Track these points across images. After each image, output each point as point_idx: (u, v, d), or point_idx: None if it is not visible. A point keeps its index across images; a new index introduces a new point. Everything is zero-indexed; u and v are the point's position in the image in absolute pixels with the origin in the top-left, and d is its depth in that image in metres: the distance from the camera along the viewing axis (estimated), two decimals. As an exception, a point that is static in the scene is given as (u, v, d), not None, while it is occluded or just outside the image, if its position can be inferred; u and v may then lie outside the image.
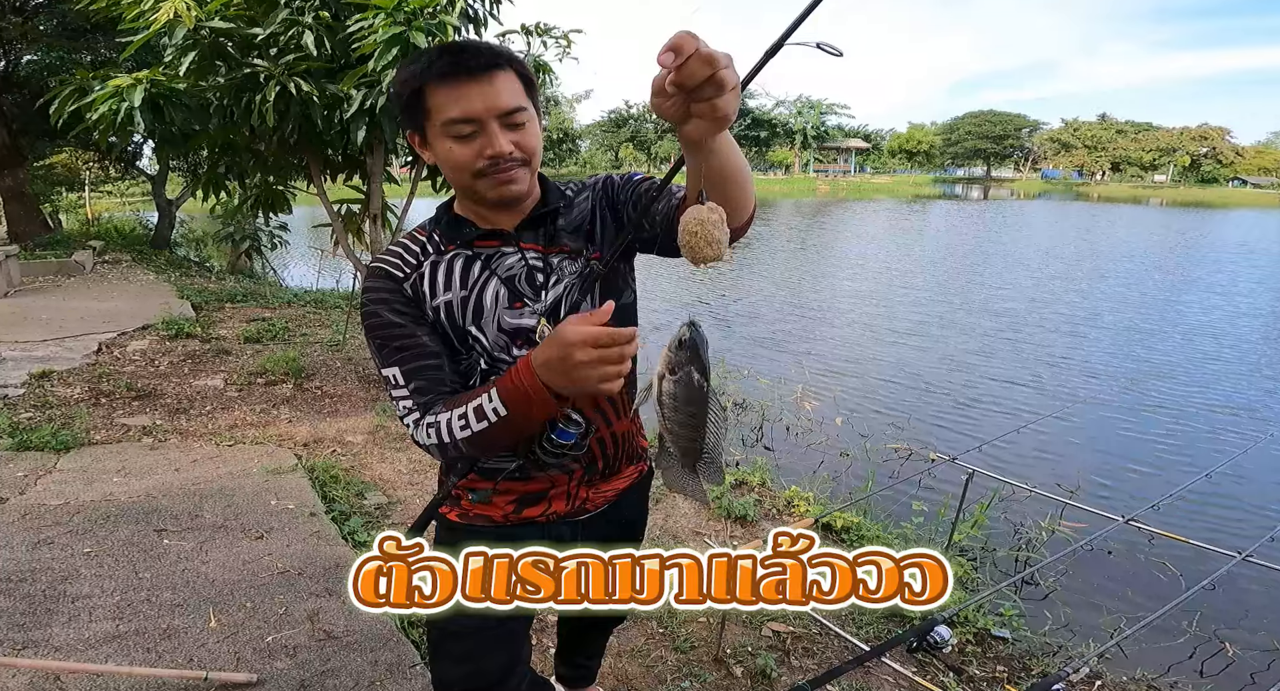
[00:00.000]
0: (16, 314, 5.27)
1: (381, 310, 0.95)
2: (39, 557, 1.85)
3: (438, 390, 0.93)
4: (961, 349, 6.45)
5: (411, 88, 0.90)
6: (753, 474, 3.14)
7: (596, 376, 0.79)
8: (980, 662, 2.11)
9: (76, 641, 1.52)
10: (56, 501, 2.14)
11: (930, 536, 2.79)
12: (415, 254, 0.99)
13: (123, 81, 3.17)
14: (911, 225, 22.07)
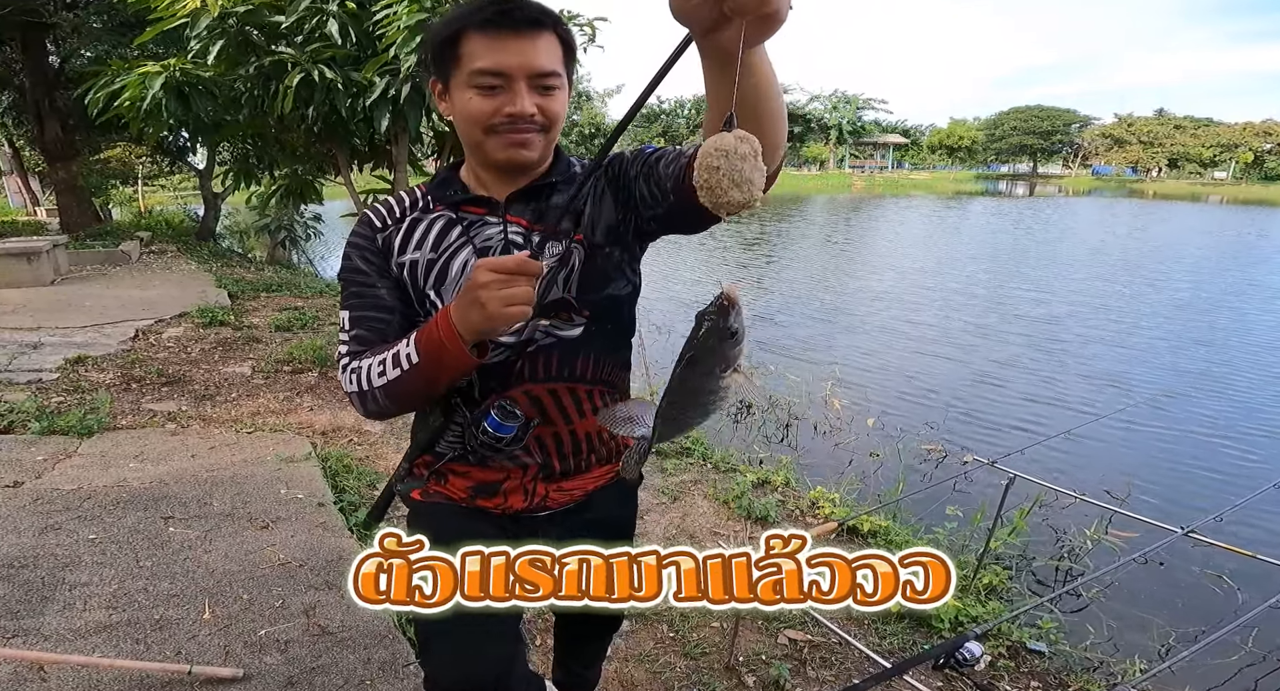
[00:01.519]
0: (61, 301, 5.47)
1: (354, 255, 0.95)
2: (44, 543, 1.86)
3: (370, 337, 0.91)
4: (999, 352, 6.17)
5: (449, 32, 0.86)
6: (776, 473, 3.02)
7: (499, 299, 0.75)
8: (1013, 678, 1.96)
9: (67, 630, 1.51)
10: (70, 486, 2.16)
11: (965, 542, 2.63)
12: (403, 208, 0.97)
13: (148, 69, 3.22)
14: (950, 224, 21.41)
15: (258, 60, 3.56)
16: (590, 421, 1.00)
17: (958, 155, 62.90)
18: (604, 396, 1.01)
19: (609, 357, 1.01)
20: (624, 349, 1.06)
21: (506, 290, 0.76)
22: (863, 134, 57.24)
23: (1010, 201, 34.42)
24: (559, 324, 0.95)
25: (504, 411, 0.91)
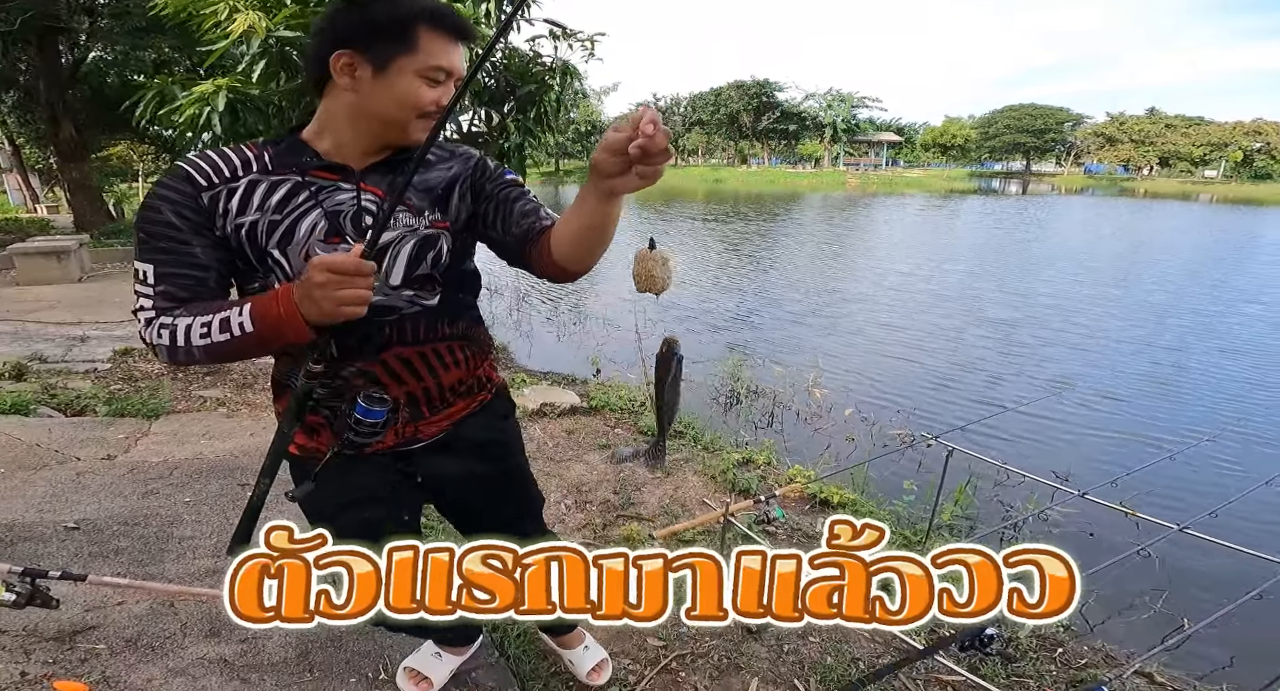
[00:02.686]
0: (92, 297, 5.79)
1: (165, 208, 0.91)
2: (149, 505, 2.21)
3: (182, 296, 0.91)
4: (963, 353, 6.54)
5: (401, 18, 0.91)
6: (760, 453, 3.39)
7: (334, 299, 0.80)
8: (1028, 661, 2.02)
9: (184, 574, 1.86)
10: (156, 459, 2.50)
11: (921, 514, 3.01)
12: (233, 168, 0.95)
13: (206, 88, 3.54)
14: (936, 225, 21.75)
15: (293, 78, 3.89)
16: (453, 373, 1.10)
17: (951, 153, 63.33)
18: (463, 349, 1.12)
19: (465, 315, 1.12)
20: (474, 306, 1.17)
21: (341, 291, 0.80)
22: (857, 132, 57.60)
23: (1001, 200, 34.76)
24: (424, 295, 1.03)
25: (370, 398, 0.95)
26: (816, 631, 2.14)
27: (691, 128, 63.53)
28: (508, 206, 1.02)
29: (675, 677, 1.95)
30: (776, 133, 58.74)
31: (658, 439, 1.16)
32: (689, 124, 63.17)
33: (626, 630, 2.14)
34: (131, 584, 1.53)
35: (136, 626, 1.65)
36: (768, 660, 2.02)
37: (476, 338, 1.16)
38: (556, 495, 2.96)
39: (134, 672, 1.52)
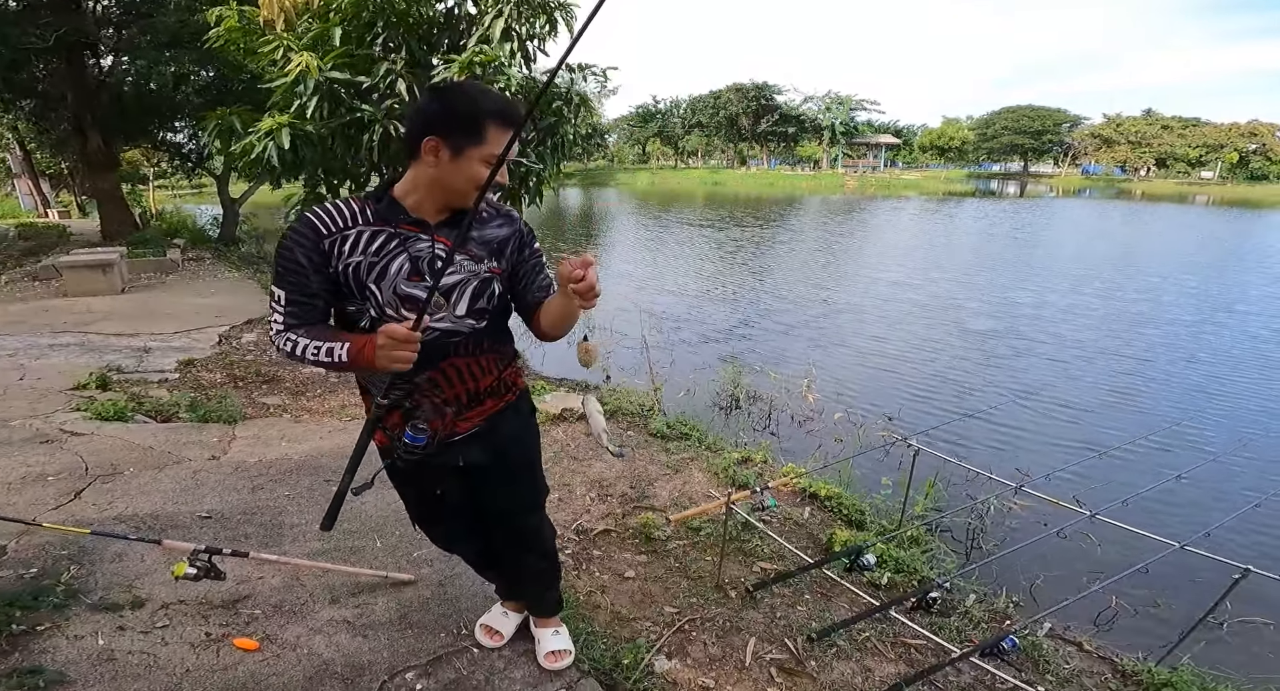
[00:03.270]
0: (140, 309, 6.21)
1: (296, 250, 1.22)
2: (258, 498, 2.62)
3: (304, 320, 1.24)
4: (954, 360, 6.99)
5: (473, 114, 1.18)
6: (757, 452, 3.85)
7: (385, 358, 1.14)
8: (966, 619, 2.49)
9: (301, 553, 2.28)
10: (252, 459, 2.92)
11: (896, 506, 3.46)
12: (346, 220, 1.25)
13: (269, 124, 3.98)
14: (930, 229, 22.10)
15: (342, 114, 4.33)
16: (488, 378, 1.43)
17: (949, 155, 63.76)
18: (497, 361, 1.44)
19: (500, 335, 1.45)
20: (507, 326, 1.50)
21: (392, 353, 1.13)
22: (855, 134, 58.01)
23: (998, 203, 35.09)
24: (477, 321, 1.36)
25: (416, 428, 1.26)
26: (803, 601, 2.60)
27: (691, 130, 63.88)
28: (531, 277, 1.40)
29: (688, 637, 2.39)
30: (776, 135, 59.16)
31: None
32: (688, 126, 63.51)
33: (647, 599, 2.60)
34: (281, 559, 1.97)
35: (277, 596, 2.08)
36: (763, 623, 2.47)
37: (506, 351, 1.48)
38: (581, 489, 3.41)
39: (285, 631, 1.93)
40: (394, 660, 1.87)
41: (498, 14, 4.47)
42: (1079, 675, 2.30)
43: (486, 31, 4.51)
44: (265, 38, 4.39)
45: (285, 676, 1.75)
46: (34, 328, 5.34)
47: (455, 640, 1.98)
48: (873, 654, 2.30)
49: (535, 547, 1.77)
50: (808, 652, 2.30)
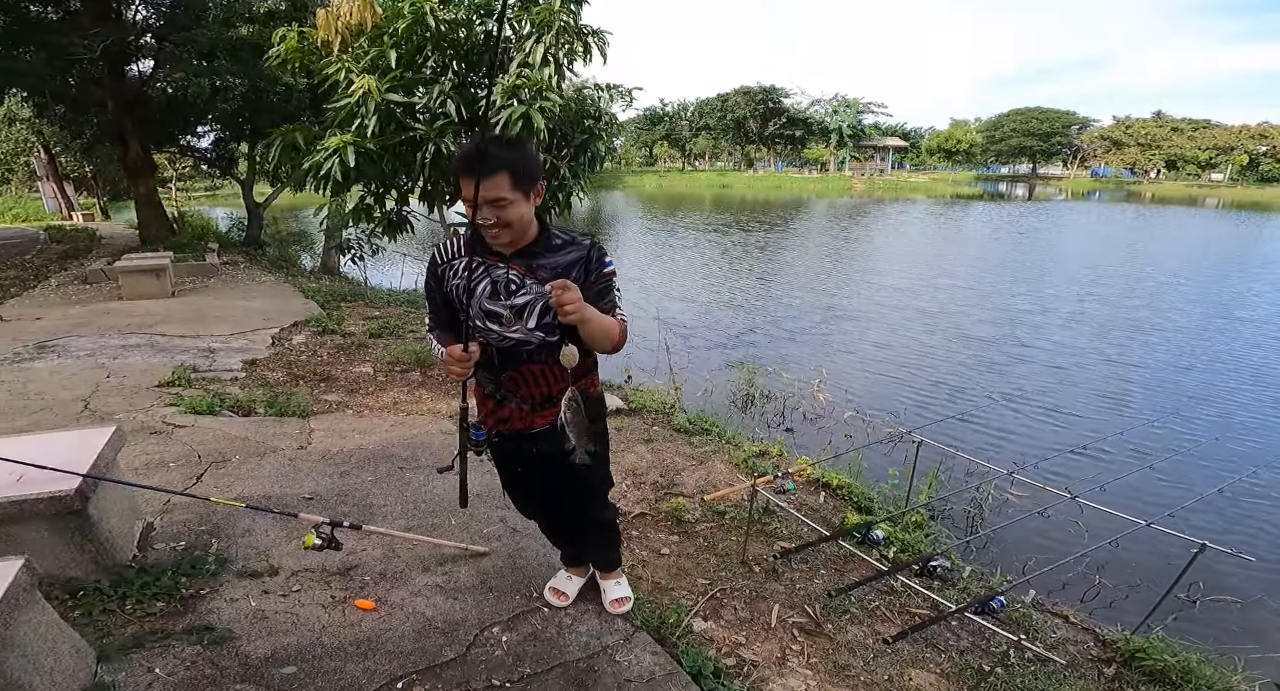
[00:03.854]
0: (193, 312, 6.61)
1: (428, 275, 1.72)
2: (347, 482, 2.97)
3: (438, 323, 1.71)
4: (955, 366, 7.30)
5: (454, 171, 1.82)
6: (773, 447, 4.21)
7: (448, 372, 1.56)
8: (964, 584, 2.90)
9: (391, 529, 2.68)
10: (334, 449, 3.28)
11: (902, 495, 3.82)
12: (452, 252, 1.68)
13: (335, 142, 4.36)
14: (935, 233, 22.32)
15: (397, 132, 4.70)
16: (561, 384, 1.68)
17: (956, 157, 63.79)
18: (569, 371, 1.64)
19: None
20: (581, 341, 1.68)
21: (451, 367, 1.52)
22: (863, 137, 58.17)
23: (1005, 206, 35.14)
24: (548, 334, 1.63)
25: (476, 427, 1.74)
26: (819, 575, 2.96)
27: (699, 133, 64.18)
28: (592, 300, 1.55)
29: (720, 603, 2.75)
30: (783, 138, 59.43)
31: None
32: (696, 129, 63.83)
33: (681, 572, 2.97)
34: (388, 532, 2.34)
35: (380, 565, 2.42)
36: (785, 593, 2.83)
37: (581, 363, 1.69)
38: (617, 478, 3.77)
39: (392, 594, 2.27)
40: (481, 617, 2.21)
41: (538, 40, 4.81)
42: (1064, 643, 2.66)
43: (527, 56, 4.87)
44: (326, 59, 4.76)
45: (399, 631, 2.10)
46: (101, 330, 5.75)
47: (529, 601, 2.33)
48: (881, 619, 2.66)
49: (597, 525, 2.13)
50: (825, 617, 2.66)
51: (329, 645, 2.02)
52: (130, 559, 2.31)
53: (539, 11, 4.70)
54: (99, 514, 2.18)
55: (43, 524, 2.06)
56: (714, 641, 2.47)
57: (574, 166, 5.35)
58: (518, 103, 4.43)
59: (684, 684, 2.03)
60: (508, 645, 2.08)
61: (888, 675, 2.34)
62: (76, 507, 2.05)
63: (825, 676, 2.33)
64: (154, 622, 2.08)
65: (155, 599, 2.16)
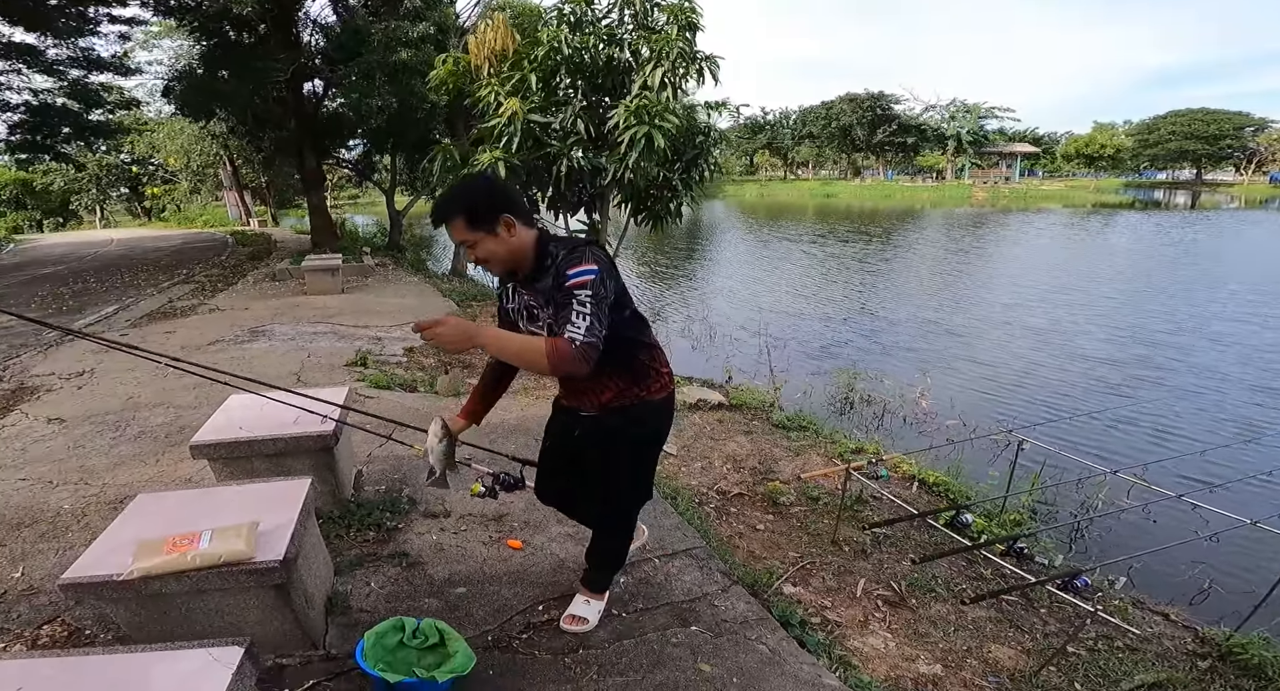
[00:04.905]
0: (359, 306, 7.76)
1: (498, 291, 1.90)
2: (512, 444, 3.55)
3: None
4: (1076, 378, 6.95)
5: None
6: (869, 445, 4.41)
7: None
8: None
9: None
10: (496, 421, 3.86)
11: (1001, 494, 3.87)
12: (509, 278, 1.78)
13: (488, 157, 5.10)
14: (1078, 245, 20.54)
15: (534, 149, 5.40)
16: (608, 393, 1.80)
17: (1100, 163, 57.93)
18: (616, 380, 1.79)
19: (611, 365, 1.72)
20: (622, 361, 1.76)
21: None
22: (985, 143, 54.39)
23: (1159, 215, 31.30)
24: None
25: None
26: (908, 558, 3.17)
27: (801, 141, 63.00)
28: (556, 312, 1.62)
29: (809, 574, 3.04)
30: (893, 145, 56.96)
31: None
32: (799, 137, 62.69)
33: (774, 546, 3.28)
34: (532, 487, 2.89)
35: (524, 514, 2.84)
36: (871, 570, 3.08)
37: (623, 375, 1.80)
38: (719, 462, 4.16)
39: (534, 538, 2.70)
40: (603, 562, 2.67)
41: (657, 65, 5.32)
42: (1158, 637, 2.71)
43: (647, 79, 5.40)
44: (478, 82, 5.55)
45: (540, 567, 2.52)
46: (295, 319, 6.97)
47: (641, 552, 2.69)
48: (964, 599, 2.84)
49: (603, 531, 2.14)
50: (909, 593, 2.89)
51: (488, 573, 2.46)
52: (349, 496, 2.82)
53: (658, 39, 5.21)
54: (339, 455, 2.69)
55: (306, 458, 2.57)
56: (801, 603, 2.77)
57: (685, 178, 5.81)
58: (640, 122, 4.96)
59: (773, 628, 2.35)
60: (623, 585, 2.47)
61: (966, 646, 2.55)
62: (330, 446, 2.56)
63: (904, 639, 2.59)
64: (368, 547, 2.60)
65: (368, 529, 2.69)
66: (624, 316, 1.73)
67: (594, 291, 1.53)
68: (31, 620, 2.17)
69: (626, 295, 1.75)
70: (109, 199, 36.84)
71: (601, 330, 1.54)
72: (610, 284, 1.59)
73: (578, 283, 1.53)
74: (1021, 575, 2.37)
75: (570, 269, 1.54)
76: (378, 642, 1.81)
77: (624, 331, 1.72)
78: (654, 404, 1.86)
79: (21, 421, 4.25)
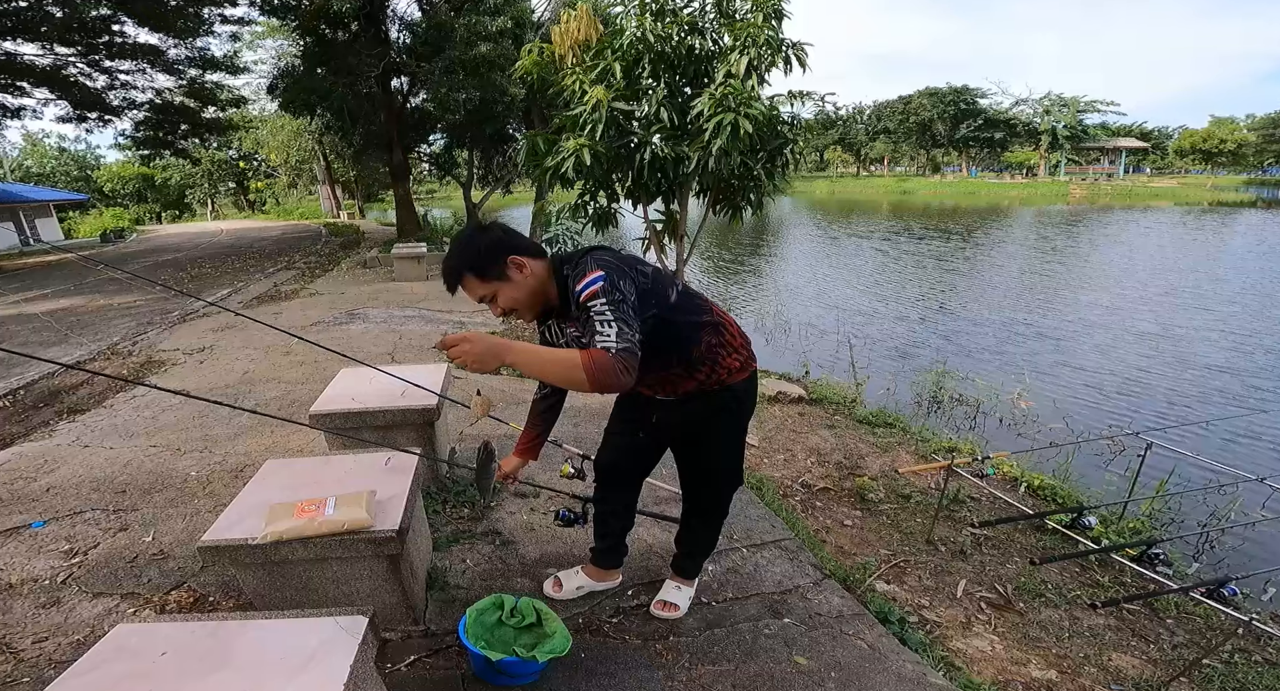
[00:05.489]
0: (442, 292, 8.03)
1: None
2: (580, 431, 3.40)
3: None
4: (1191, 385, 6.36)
5: None
6: (964, 444, 4.19)
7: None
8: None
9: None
10: (579, 404, 3.98)
11: (1117, 498, 3.57)
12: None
13: (572, 145, 5.17)
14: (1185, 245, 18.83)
15: (622, 137, 5.42)
16: (685, 384, 1.71)
17: (1218, 159, 52.65)
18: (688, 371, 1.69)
19: (667, 359, 1.65)
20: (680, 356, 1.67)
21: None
22: (1085, 138, 50.48)
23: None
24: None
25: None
26: (1013, 560, 2.99)
27: (876, 136, 60.64)
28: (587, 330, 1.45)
29: (903, 572, 2.91)
30: (978, 140, 53.86)
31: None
32: (873, 133, 60.37)
33: (864, 542, 3.17)
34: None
35: None
36: (972, 572, 2.92)
37: (696, 362, 1.69)
38: (802, 455, 4.06)
39: None
40: (693, 551, 2.64)
41: (743, 51, 5.22)
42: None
43: (732, 67, 5.31)
44: (562, 71, 5.62)
45: (629, 552, 2.48)
46: (386, 303, 7.35)
47: (729, 542, 2.67)
48: (1081, 607, 2.65)
49: (698, 512, 2.06)
50: (1016, 596, 2.71)
51: (578, 556, 2.41)
52: (444, 473, 2.87)
53: (742, 27, 5.11)
54: (439, 430, 2.74)
55: (411, 431, 2.62)
56: (896, 601, 2.66)
57: (768, 168, 5.69)
58: (726, 111, 4.89)
59: (870, 623, 2.26)
60: (711, 574, 2.44)
61: (1084, 653, 2.37)
62: (433, 420, 2.61)
63: (1013, 643, 2.43)
64: (463, 524, 2.63)
65: (462, 506, 2.75)
66: (668, 302, 1.59)
67: (608, 297, 1.41)
68: (160, 585, 2.26)
69: (660, 280, 1.61)
70: (218, 192, 40.05)
71: (633, 333, 1.40)
72: (626, 282, 1.46)
73: (589, 295, 1.42)
74: (1161, 581, 2.17)
75: (578, 285, 1.45)
76: (478, 619, 1.81)
77: (675, 317, 1.60)
78: (736, 388, 1.76)
79: (150, 392, 4.60)
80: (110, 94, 14.71)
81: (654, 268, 1.63)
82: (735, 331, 1.76)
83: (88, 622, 2.09)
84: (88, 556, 2.46)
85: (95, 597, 2.21)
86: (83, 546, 2.54)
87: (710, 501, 2.03)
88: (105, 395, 4.65)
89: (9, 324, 7.68)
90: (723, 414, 1.79)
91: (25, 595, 2.24)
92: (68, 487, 3.08)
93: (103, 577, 2.32)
